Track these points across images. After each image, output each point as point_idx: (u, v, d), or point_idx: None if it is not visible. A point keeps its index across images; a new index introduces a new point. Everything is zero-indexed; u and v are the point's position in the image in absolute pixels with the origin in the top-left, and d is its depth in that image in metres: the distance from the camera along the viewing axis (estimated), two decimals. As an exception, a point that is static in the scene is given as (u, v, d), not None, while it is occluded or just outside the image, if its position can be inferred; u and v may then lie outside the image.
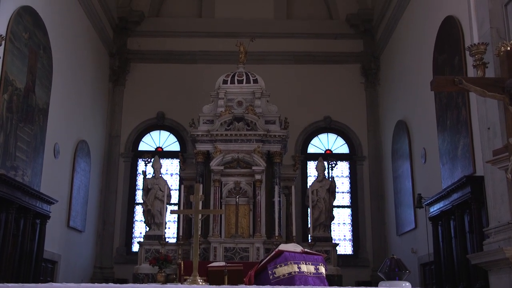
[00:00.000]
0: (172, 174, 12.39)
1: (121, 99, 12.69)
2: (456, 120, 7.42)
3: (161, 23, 13.02)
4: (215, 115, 9.45)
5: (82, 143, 10.51)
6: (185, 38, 12.81)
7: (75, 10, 10.11)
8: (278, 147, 9.38)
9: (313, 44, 12.78)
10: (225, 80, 9.71)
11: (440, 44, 8.02)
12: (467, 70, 6.80)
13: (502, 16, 5.55)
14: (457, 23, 7.26)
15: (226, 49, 11.50)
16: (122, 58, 12.71)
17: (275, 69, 12.30)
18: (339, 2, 13.08)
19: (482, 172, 6.08)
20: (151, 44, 12.85)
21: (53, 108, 8.75)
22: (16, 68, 7.28)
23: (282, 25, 12.97)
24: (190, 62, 12.75)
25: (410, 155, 9.86)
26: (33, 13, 7.85)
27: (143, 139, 12.78)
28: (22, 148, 7.57)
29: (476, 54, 4.75)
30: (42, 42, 8.24)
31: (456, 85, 3.65)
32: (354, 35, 12.97)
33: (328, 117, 12.62)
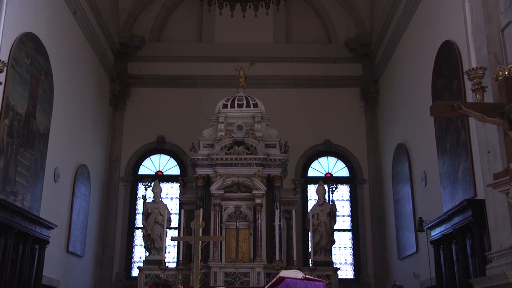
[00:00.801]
0: (172, 198, 12.36)
1: (121, 123, 12.73)
2: (456, 143, 7.43)
3: (161, 48, 13.14)
4: (215, 139, 9.47)
5: (82, 168, 10.50)
6: (185, 62, 12.91)
7: (76, 35, 10.21)
8: (278, 171, 9.37)
9: (313, 68, 12.88)
10: (225, 104, 9.76)
11: (439, 68, 8.08)
12: (465, 94, 6.84)
13: (499, 41, 5.60)
14: (455, 47, 7.32)
15: (226, 74, 11.59)
16: (123, 83, 12.80)
17: (275, 93, 12.36)
18: (338, 27, 13.21)
19: (483, 196, 6.07)
20: (152, 69, 12.95)
21: (54, 132, 8.77)
22: (17, 94, 7.33)
23: (281, 49, 13.08)
24: (190, 87, 12.83)
25: (411, 178, 9.84)
26: (35, 40, 7.93)
27: (143, 163, 12.78)
28: (22, 173, 7.57)
29: (475, 78, 4.79)
30: (44, 68, 8.30)
31: (456, 110, 3.68)
32: (353, 59, 13.07)
33: (328, 141, 12.64)
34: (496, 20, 5.68)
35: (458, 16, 7.00)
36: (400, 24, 10.41)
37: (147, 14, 13.30)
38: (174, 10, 13.54)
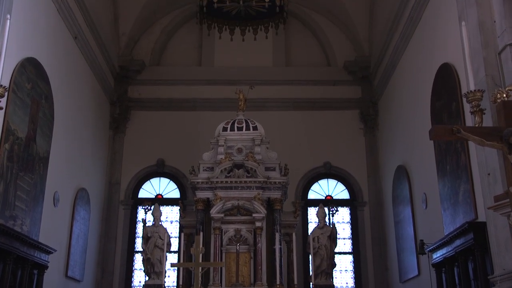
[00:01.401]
0: (172, 222, 12.30)
1: (121, 147, 12.74)
2: (456, 165, 7.43)
3: (161, 72, 13.24)
4: (215, 162, 9.46)
5: (82, 191, 10.48)
6: (185, 86, 12.99)
7: (77, 60, 10.29)
8: (278, 194, 9.34)
9: (312, 91, 12.95)
10: (225, 128, 9.78)
11: (437, 90, 8.12)
12: (464, 116, 6.87)
13: (496, 64, 5.66)
14: (453, 70, 7.37)
15: (226, 97, 11.63)
16: (123, 106, 12.85)
17: (275, 115, 12.41)
18: (336, 50, 13.33)
19: (484, 218, 6.05)
20: (152, 92, 13.02)
21: (54, 156, 8.78)
22: (18, 118, 7.35)
23: (281, 72, 13.18)
24: (190, 110, 12.88)
25: (411, 200, 9.82)
26: (36, 64, 7.99)
27: (143, 186, 12.75)
28: (21, 197, 7.55)
29: (473, 101, 4.82)
30: (44, 92, 8.34)
31: (455, 134, 3.69)
32: (352, 81, 13.16)
33: (328, 163, 12.64)
34: (492, 44, 5.75)
35: (456, 39, 7.08)
36: (398, 47, 10.51)
37: (147, 38, 13.44)
38: (174, 34, 13.68)
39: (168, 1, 13.12)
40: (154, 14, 13.28)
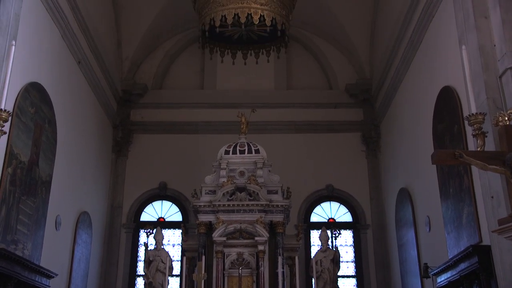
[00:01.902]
0: (174, 245, 12.23)
1: (123, 170, 12.75)
2: (459, 188, 7.41)
3: (164, 95, 13.31)
4: (217, 185, 9.45)
5: (84, 215, 10.45)
6: (188, 109, 13.05)
7: (80, 84, 10.37)
8: (280, 217, 9.31)
9: (314, 114, 13.00)
10: (227, 151, 9.80)
11: (439, 113, 8.14)
12: (467, 139, 6.87)
13: (497, 87, 5.69)
14: (454, 93, 7.40)
15: (228, 120, 11.68)
16: (125, 130, 12.90)
17: (277, 138, 12.44)
18: (338, 73, 13.41)
19: (488, 241, 6.00)
20: (154, 116, 13.08)
21: (56, 180, 8.78)
22: (21, 142, 7.38)
23: (282, 95, 13.25)
24: (193, 133, 12.92)
25: (414, 223, 9.76)
26: (40, 89, 8.05)
27: (145, 210, 12.72)
28: (23, 221, 7.53)
29: (475, 124, 4.84)
30: (48, 116, 8.39)
31: (457, 159, 3.70)
32: (354, 104, 13.21)
33: (330, 186, 12.61)
34: (493, 67, 5.79)
35: (456, 62, 7.12)
36: (399, 70, 10.57)
37: (149, 62, 13.56)
38: (176, 58, 13.81)
39: (171, 26, 13.27)
40: (157, 39, 13.43)
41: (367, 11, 12.37)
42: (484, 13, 6.07)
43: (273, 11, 9.10)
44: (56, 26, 8.89)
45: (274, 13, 9.11)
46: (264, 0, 9.06)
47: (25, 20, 7.31)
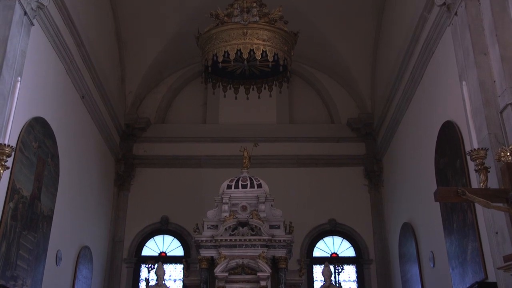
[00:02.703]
0: (175, 280, 12.08)
1: (125, 204, 12.72)
2: (463, 223, 7.35)
3: (166, 129, 13.39)
4: (220, 220, 9.40)
5: (85, 249, 10.37)
6: (190, 143, 13.11)
7: (84, 118, 10.45)
8: (283, 252, 9.22)
9: (316, 148, 13.03)
10: (229, 185, 9.78)
11: (441, 148, 8.15)
12: (469, 174, 6.85)
13: (498, 122, 5.71)
14: (455, 128, 7.43)
15: (230, 154, 11.70)
16: (128, 163, 12.92)
17: (279, 172, 12.43)
18: (340, 107, 13.51)
19: (494, 278, 5.92)
20: (157, 149, 13.12)
21: (58, 214, 8.75)
22: (23, 177, 7.38)
23: (285, 129, 13.31)
24: (195, 167, 12.93)
25: (418, 259, 9.65)
26: (43, 123, 8.11)
27: (146, 244, 12.63)
28: (24, 256, 7.47)
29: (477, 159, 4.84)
30: (51, 151, 8.42)
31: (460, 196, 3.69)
32: (356, 138, 13.25)
33: (333, 220, 12.54)
34: (494, 103, 5.82)
35: (457, 97, 7.18)
36: (400, 105, 10.64)
37: (153, 96, 13.69)
38: (179, 92, 13.95)
39: (174, 61, 13.45)
40: (160, 74, 13.60)
41: (368, 46, 12.55)
42: (483, 50, 6.15)
43: (275, 47, 9.21)
44: (61, 62, 9.02)
45: (276, 48, 9.21)
46: (266, 36, 9.19)
47: (31, 56, 7.43)
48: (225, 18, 9.19)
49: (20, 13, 6.89)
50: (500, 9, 6.02)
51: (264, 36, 9.13)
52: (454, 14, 6.86)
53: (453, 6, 6.88)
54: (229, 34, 9.13)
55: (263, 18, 9.18)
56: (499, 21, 5.96)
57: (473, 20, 6.39)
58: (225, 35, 9.16)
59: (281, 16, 9.28)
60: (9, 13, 6.67)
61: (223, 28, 9.16)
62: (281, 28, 9.24)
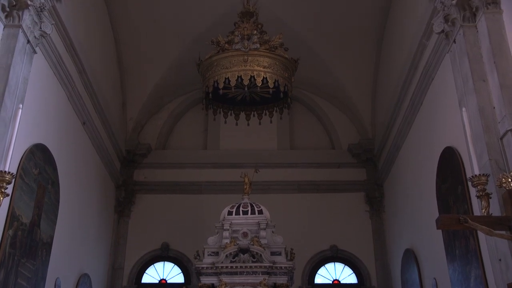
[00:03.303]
0: (175, 308, 11.95)
1: (125, 231, 12.64)
2: (465, 249, 7.28)
3: (167, 155, 13.39)
4: (220, 246, 9.34)
5: (84, 277, 10.26)
6: (191, 169, 13.10)
7: (85, 144, 10.46)
8: (284, 279, 9.13)
9: (317, 174, 13.00)
10: (230, 212, 9.74)
11: (442, 173, 8.13)
12: (471, 200, 6.82)
13: (499, 148, 5.71)
14: (456, 153, 7.42)
15: (231, 180, 11.65)
16: (128, 190, 12.89)
17: (280, 198, 12.38)
18: (340, 133, 13.54)
19: (498, 306, 5.84)
20: (157, 176, 13.10)
21: (57, 241, 8.69)
22: (23, 203, 7.36)
23: (285, 155, 13.31)
24: (196, 193, 12.89)
25: (421, 285, 9.53)
26: (44, 150, 8.12)
27: (146, 271, 12.50)
28: (22, 284, 7.39)
29: (478, 185, 4.83)
30: (51, 177, 8.41)
31: (462, 224, 3.67)
32: (357, 164, 13.23)
33: (335, 246, 12.44)
34: (494, 129, 5.84)
35: (457, 123, 7.19)
36: (401, 131, 10.65)
37: (154, 122, 13.74)
38: (181, 118, 14.00)
39: (175, 87, 13.53)
40: (161, 100, 13.68)
41: (368, 72, 12.64)
42: (482, 76, 6.19)
43: (275, 74, 9.28)
44: (63, 89, 9.07)
45: (276, 75, 9.28)
46: (267, 63, 9.26)
47: (33, 83, 7.48)
48: (226, 45, 9.28)
49: (23, 42, 6.97)
50: (498, 37, 6.09)
51: (264, 63, 9.20)
52: (453, 41, 6.93)
53: (452, 33, 6.95)
54: (230, 61, 9.21)
55: (264, 45, 9.27)
56: (496, 49, 6.02)
57: (472, 47, 6.46)
58: (226, 62, 9.24)
59: (281, 43, 9.38)
60: (12, 41, 6.74)
61: (224, 55, 9.24)
62: (281, 55, 9.32)
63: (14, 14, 6.80)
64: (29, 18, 6.99)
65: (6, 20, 6.78)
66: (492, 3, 6.25)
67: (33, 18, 7.10)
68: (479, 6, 6.43)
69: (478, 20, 6.49)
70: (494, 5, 6.26)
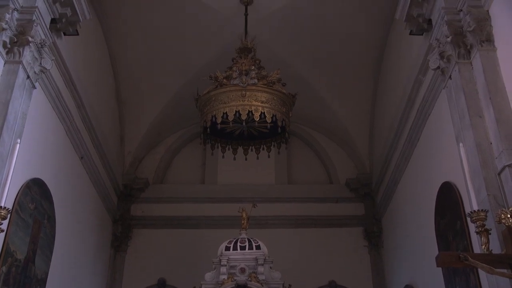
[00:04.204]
0: None
1: (122, 266, 12.47)
2: (466, 286, 7.18)
3: (165, 190, 13.34)
4: (218, 282, 9.22)
5: (78, 314, 10.09)
6: (189, 204, 13.03)
7: (82, 179, 10.41)
8: (283, 316, 8.99)
9: (315, 208, 12.95)
10: (228, 247, 9.65)
11: (440, 208, 8.10)
12: (470, 236, 6.77)
13: (497, 184, 5.70)
14: (454, 189, 7.41)
15: (229, 214, 11.61)
16: (125, 224, 12.78)
17: (278, 233, 12.29)
18: (338, 168, 13.54)
19: None
20: (155, 210, 13.02)
21: (52, 277, 8.55)
22: (18, 239, 7.27)
23: (283, 190, 13.27)
24: (193, 228, 12.79)
25: (422, 323, 9.39)
26: (41, 185, 8.08)
27: (142, 308, 12.29)
28: (15, 322, 7.24)
29: (477, 220, 4.81)
30: (47, 212, 8.34)
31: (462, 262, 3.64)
32: (355, 198, 13.19)
33: (333, 282, 12.28)
34: (491, 164, 5.85)
35: (455, 158, 7.19)
36: (399, 165, 10.66)
37: (151, 156, 13.73)
38: (178, 152, 13.99)
39: (173, 122, 13.58)
40: (159, 134, 13.70)
41: (365, 108, 12.72)
42: (478, 112, 6.24)
43: (273, 108, 9.32)
44: (61, 123, 9.10)
45: (274, 110, 9.32)
46: (264, 98, 9.32)
47: (32, 118, 7.49)
48: (224, 80, 9.36)
49: (23, 77, 7.01)
50: (493, 74, 6.16)
51: (262, 98, 9.26)
52: (449, 77, 7.01)
53: (447, 70, 7.03)
54: (228, 96, 9.26)
55: (262, 80, 9.35)
56: (492, 85, 6.09)
57: (467, 83, 6.53)
58: (224, 97, 9.29)
59: (279, 79, 9.46)
60: (12, 77, 6.78)
61: (222, 90, 9.30)
62: (279, 90, 9.39)
63: (15, 50, 6.87)
64: (29, 54, 7.06)
65: (7, 56, 6.84)
66: (486, 41, 6.35)
67: (33, 54, 7.17)
68: (474, 43, 6.53)
69: (473, 57, 6.58)
70: (488, 43, 6.36)
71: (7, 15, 6.68)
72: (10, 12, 6.76)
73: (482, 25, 6.41)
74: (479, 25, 6.43)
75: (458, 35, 6.76)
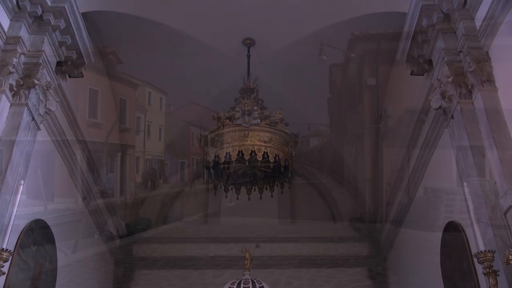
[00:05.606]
0: None
1: (123, 308, 12.26)
2: (474, 329, 7.03)
3: (167, 230, 13.24)
4: (221, 326, 9.03)
5: None
6: (191, 244, 12.91)
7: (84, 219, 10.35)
8: None
9: (318, 248, 12.81)
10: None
11: (446, 249, 8.00)
12: (478, 277, 6.66)
13: (503, 224, 5.65)
14: (460, 228, 7.34)
15: (232, 254, 11.49)
16: (127, 266, 12.62)
17: (281, 273, 12.11)
18: (341, 207, 13.47)
19: None
20: (157, 251, 12.89)
21: (52, 321, 8.40)
22: (19, 281, 7.17)
23: (286, 229, 13.16)
24: (196, 268, 12.61)
25: None
26: (44, 226, 8.03)
27: None
28: None
29: (485, 261, 4.74)
30: (49, 253, 8.26)
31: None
32: (359, 238, 13.06)
33: (338, 324, 12.04)
34: (497, 204, 5.81)
35: (459, 197, 7.16)
36: (403, 204, 10.58)
37: (154, 197, 13.67)
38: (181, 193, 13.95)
39: (176, 162, 13.61)
40: (162, 174, 13.71)
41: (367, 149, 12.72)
42: (481, 151, 6.25)
43: (276, 148, 9.33)
44: (65, 164, 9.11)
45: (277, 150, 9.33)
46: (267, 138, 9.35)
47: (35, 158, 7.51)
48: (226, 120, 9.41)
49: (28, 119, 7.06)
50: (495, 114, 6.20)
51: (265, 137, 9.28)
52: (451, 117, 7.04)
53: (449, 109, 7.07)
54: (231, 136, 9.29)
55: (264, 120, 9.39)
56: (494, 125, 6.11)
57: (470, 123, 6.55)
58: (227, 137, 9.32)
59: (281, 119, 9.50)
60: (17, 119, 6.82)
61: (225, 130, 9.33)
62: (281, 130, 9.42)
63: (21, 93, 6.93)
64: (35, 97, 7.13)
65: (13, 98, 6.90)
66: (487, 81, 6.41)
67: (39, 96, 7.24)
68: (475, 83, 6.59)
69: (475, 97, 6.62)
70: (489, 83, 6.42)
71: (14, 59, 6.78)
72: (17, 56, 6.87)
73: (482, 66, 6.48)
74: (479, 66, 6.50)
75: (459, 75, 6.82)
